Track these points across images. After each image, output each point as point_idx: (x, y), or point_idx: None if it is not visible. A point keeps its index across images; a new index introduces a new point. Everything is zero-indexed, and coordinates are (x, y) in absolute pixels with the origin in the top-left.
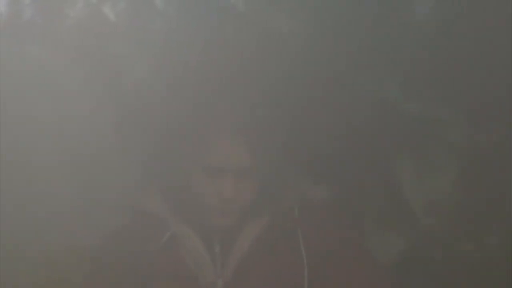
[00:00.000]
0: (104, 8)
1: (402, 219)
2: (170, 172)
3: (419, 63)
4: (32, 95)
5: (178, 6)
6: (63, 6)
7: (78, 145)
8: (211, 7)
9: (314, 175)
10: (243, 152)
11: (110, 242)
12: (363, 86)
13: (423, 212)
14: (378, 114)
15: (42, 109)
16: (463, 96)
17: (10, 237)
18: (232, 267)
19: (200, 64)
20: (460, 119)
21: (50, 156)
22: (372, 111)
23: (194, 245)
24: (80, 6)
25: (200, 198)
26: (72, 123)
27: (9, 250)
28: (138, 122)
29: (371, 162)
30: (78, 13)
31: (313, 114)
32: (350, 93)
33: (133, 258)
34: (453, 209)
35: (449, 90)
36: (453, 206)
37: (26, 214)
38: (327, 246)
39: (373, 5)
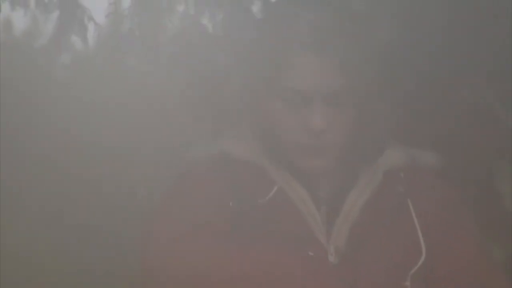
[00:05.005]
0: (203, 19)
1: (502, 230)
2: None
3: None
4: (131, 106)
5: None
6: (161, 18)
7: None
8: None
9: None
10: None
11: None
12: (461, 94)
13: None
14: (476, 122)
15: (140, 120)
16: None
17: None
18: (343, 231)
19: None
20: None
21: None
22: (470, 119)
23: (301, 199)
24: (178, 18)
25: (285, 135)
26: (169, 133)
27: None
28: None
29: (470, 172)
30: (176, 24)
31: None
32: (448, 100)
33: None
34: None
35: None
36: None
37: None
38: (439, 213)
39: (471, 13)
